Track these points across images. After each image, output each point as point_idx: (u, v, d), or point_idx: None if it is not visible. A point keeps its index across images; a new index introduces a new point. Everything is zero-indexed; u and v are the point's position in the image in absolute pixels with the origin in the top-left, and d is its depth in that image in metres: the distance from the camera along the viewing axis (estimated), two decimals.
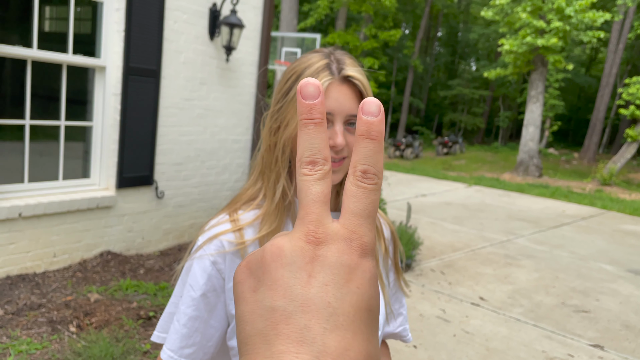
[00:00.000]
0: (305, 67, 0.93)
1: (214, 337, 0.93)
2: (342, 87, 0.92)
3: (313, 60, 0.93)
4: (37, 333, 3.00)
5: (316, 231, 0.32)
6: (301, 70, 0.93)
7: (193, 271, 0.93)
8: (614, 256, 6.70)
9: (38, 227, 3.86)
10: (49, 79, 4.07)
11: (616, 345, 3.94)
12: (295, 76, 0.93)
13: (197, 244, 0.95)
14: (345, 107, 0.92)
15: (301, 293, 0.30)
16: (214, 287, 0.92)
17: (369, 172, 0.32)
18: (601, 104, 22.65)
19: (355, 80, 0.93)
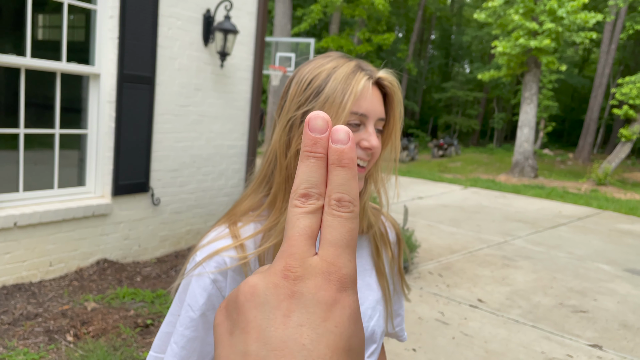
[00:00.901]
0: (333, 67, 0.88)
1: (210, 354, 0.90)
2: (374, 89, 0.91)
3: (339, 62, 0.90)
4: (34, 343, 2.98)
5: (294, 266, 0.30)
6: (330, 70, 0.88)
7: (192, 290, 0.88)
8: (611, 256, 6.71)
9: (34, 236, 3.84)
10: (43, 87, 4.06)
11: (614, 344, 3.94)
12: (324, 76, 0.88)
13: (196, 260, 0.90)
14: (377, 110, 0.90)
15: (275, 335, 0.28)
16: (214, 306, 0.88)
17: (344, 200, 0.31)
18: (595, 104, 22.75)
19: (387, 82, 0.92)
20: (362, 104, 0.88)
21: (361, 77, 0.88)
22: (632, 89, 15.36)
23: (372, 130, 0.89)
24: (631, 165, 23.24)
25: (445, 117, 33.26)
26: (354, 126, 0.88)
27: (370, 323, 0.96)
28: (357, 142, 0.88)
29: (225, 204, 5.55)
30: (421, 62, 34.89)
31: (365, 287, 0.98)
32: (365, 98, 0.88)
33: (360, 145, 0.88)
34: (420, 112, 36.48)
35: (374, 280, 1.00)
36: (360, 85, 0.87)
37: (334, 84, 0.86)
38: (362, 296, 0.97)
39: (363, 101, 0.88)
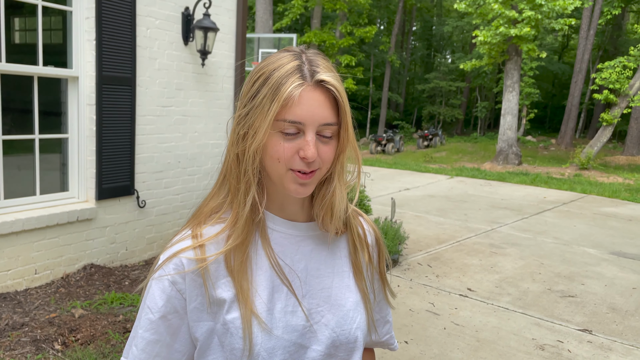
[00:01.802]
0: (274, 68, 0.83)
1: None
2: (315, 93, 0.82)
3: (283, 61, 0.83)
4: (21, 354, 2.93)
5: None
6: (269, 71, 0.83)
7: (151, 292, 0.87)
8: (597, 239, 6.80)
9: (17, 244, 3.77)
10: (21, 92, 3.98)
11: (604, 328, 3.99)
12: (263, 78, 0.83)
13: (158, 263, 0.89)
14: (318, 116, 0.82)
15: None
16: (175, 308, 0.87)
17: None
18: (575, 90, 22.99)
19: (329, 85, 0.83)
20: (295, 110, 0.81)
21: (294, 80, 0.81)
22: (612, 74, 15.54)
23: (310, 139, 0.82)
24: (613, 148, 23.54)
25: (429, 108, 33.38)
26: (291, 135, 0.82)
27: (352, 325, 0.93)
28: (296, 151, 0.83)
29: None
30: (403, 54, 34.94)
31: (345, 289, 0.95)
32: (300, 104, 0.81)
33: (298, 154, 0.83)
34: (404, 103, 36.58)
35: (352, 281, 0.97)
36: (287, 91, 0.80)
37: (266, 89, 0.82)
38: (343, 297, 0.94)
39: (297, 107, 0.81)
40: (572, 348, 3.62)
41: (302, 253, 0.93)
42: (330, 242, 0.97)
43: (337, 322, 0.92)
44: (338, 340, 0.91)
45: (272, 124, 0.82)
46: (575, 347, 3.64)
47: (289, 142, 0.83)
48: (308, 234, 0.95)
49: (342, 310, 0.93)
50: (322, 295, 0.92)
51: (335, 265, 0.96)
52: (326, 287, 0.93)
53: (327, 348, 0.90)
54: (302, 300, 0.90)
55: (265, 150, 0.85)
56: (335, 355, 0.92)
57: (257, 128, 0.83)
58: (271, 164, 0.85)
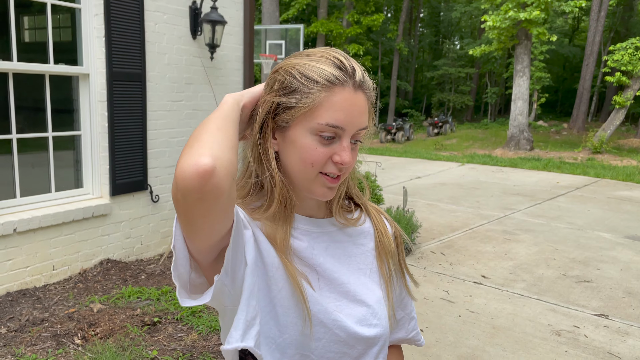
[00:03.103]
0: (314, 66, 0.81)
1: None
2: (356, 98, 0.81)
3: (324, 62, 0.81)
4: (42, 349, 2.98)
5: None
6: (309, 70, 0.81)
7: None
8: (611, 224, 6.74)
9: (34, 241, 3.83)
10: (33, 91, 4.02)
11: (620, 312, 3.97)
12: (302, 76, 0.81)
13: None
14: (357, 121, 0.82)
15: None
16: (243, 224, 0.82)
17: None
18: (587, 73, 22.69)
19: (367, 90, 0.83)
20: (338, 116, 0.80)
21: (341, 87, 0.80)
22: (624, 55, 15.31)
23: (346, 145, 0.82)
24: (626, 131, 23.26)
25: (438, 95, 33.16)
26: (327, 139, 0.81)
27: (372, 321, 0.93)
28: (330, 156, 0.82)
29: None
30: (411, 41, 34.68)
31: (364, 285, 0.95)
32: (342, 109, 0.80)
33: (332, 159, 0.82)
34: (413, 91, 36.36)
35: (372, 278, 0.97)
36: (337, 97, 0.79)
37: (308, 88, 0.80)
38: (362, 293, 0.94)
39: (340, 112, 0.80)
40: (589, 333, 3.61)
41: (319, 249, 0.92)
42: (349, 238, 0.97)
43: (356, 318, 0.92)
44: (356, 334, 0.91)
45: (311, 127, 0.81)
46: (592, 332, 3.63)
47: (324, 146, 0.82)
48: (326, 230, 0.94)
49: (362, 307, 0.93)
50: (340, 290, 0.92)
51: (351, 262, 0.96)
52: (344, 282, 0.93)
53: (344, 339, 0.90)
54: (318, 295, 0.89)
55: (298, 154, 0.83)
56: (354, 347, 0.92)
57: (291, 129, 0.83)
58: (301, 167, 0.83)
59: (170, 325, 3.35)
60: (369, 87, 0.84)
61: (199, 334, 3.24)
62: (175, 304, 3.65)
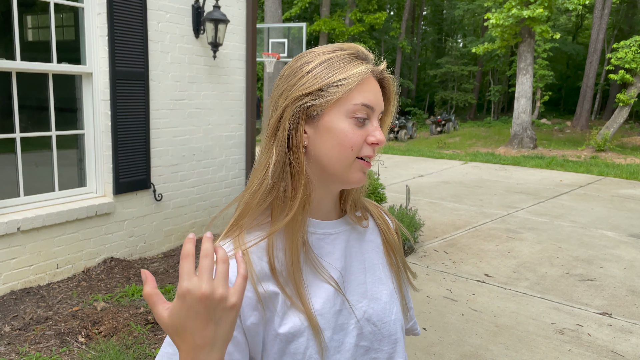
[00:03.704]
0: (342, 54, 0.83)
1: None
2: (376, 84, 0.85)
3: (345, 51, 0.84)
4: (46, 347, 2.99)
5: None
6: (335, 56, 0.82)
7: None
8: (615, 222, 6.73)
9: (38, 240, 3.84)
10: (36, 90, 4.03)
11: (624, 311, 3.96)
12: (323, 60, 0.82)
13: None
14: (380, 104, 0.85)
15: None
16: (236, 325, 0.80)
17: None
18: (590, 71, 22.63)
19: (387, 78, 0.87)
20: (368, 96, 0.83)
21: (367, 69, 0.83)
22: (628, 53, 15.26)
23: (376, 124, 0.84)
24: (629, 129, 23.19)
25: (441, 93, 33.10)
26: (360, 121, 0.82)
27: (391, 317, 0.93)
28: (364, 139, 0.83)
29: (228, 195, 5.54)
30: (414, 39, 34.62)
31: (378, 282, 0.95)
32: (370, 90, 0.83)
33: (367, 141, 0.83)
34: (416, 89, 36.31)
35: (384, 273, 0.97)
36: (363, 74, 0.82)
37: (338, 75, 0.81)
38: (378, 291, 0.94)
39: (369, 93, 0.83)
40: (592, 332, 3.60)
41: (339, 250, 0.91)
42: (359, 235, 0.97)
43: (377, 316, 0.92)
44: (380, 334, 0.91)
45: (346, 109, 0.82)
46: (595, 330, 3.62)
47: (359, 128, 0.83)
48: (340, 230, 0.93)
49: (379, 304, 0.93)
50: (359, 291, 0.92)
51: (366, 259, 0.96)
52: (361, 282, 0.93)
53: (370, 343, 0.90)
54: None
55: (332, 139, 0.82)
56: (380, 350, 0.92)
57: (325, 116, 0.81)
58: (339, 152, 0.82)
59: None
60: (388, 78, 0.88)
61: None
62: None
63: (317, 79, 0.81)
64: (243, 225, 0.86)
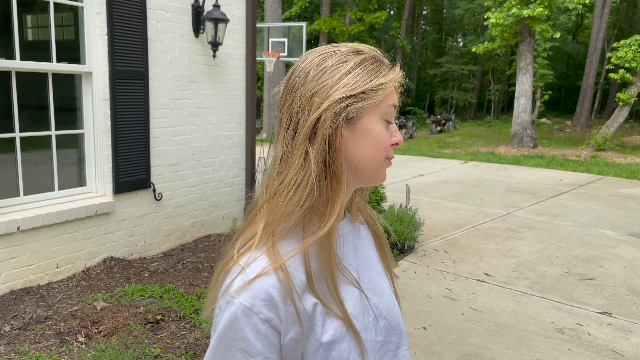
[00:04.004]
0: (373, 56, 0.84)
1: None
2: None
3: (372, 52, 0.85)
4: (46, 346, 2.99)
5: None
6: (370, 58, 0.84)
7: (244, 334, 0.75)
8: (615, 221, 6.72)
9: (38, 240, 3.84)
10: (36, 89, 4.03)
11: (624, 310, 3.96)
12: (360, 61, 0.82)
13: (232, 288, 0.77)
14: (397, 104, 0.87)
15: None
16: (273, 345, 0.77)
17: None
18: (590, 70, 22.62)
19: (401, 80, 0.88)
20: (396, 98, 0.85)
21: (399, 74, 0.85)
22: (628, 52, 15.25)
23: (395, 125, 0.86)
24: (629, 128, 23.19)
25: (441, 93, 33.08)
26: (388, 122, 0.85)
27: (395, 309, 0.96)
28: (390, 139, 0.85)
29: (228, 194, 5.54)
30: (414, 39, 34.60)
31: (379, 276, 0.96)
32: (395, 93, 0.85)
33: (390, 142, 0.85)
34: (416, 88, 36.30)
35: (380, 267, 0.99)
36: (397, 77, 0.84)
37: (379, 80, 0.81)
38: (382, 285, 0.96)
39: (395, 95, 0.85)
40: (592, 331, 3.60)
41: (351, 250, 0.92)
42: (358, 233, 0.98)
43: (386, 310, 0.93)
44: (389, 326, 0.93)
45: (381, 111, 0.83)
46: (595, 329, 3.62)
47: (387, 130, 0.85)
48: (348, 230, 0.93)
49: (385, 297, 0.95)
50: (369, 287, 0.92)
51: (367, 256, 0.97)
52: (370, 278, 0.94)
53: (384, 336, 0.92)
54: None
55: (369, 141, 0.82)
56: (390, 342, 0.94)
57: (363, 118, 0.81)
58: (375, 155, 0.83)
59: (173, 323, 3.36)
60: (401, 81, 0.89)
61: (202, 332, 3.25)
62: (178, 301, 3.66)
63: (360, 81, 0.79)
64: (275, 234, 0.80)
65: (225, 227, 5.60)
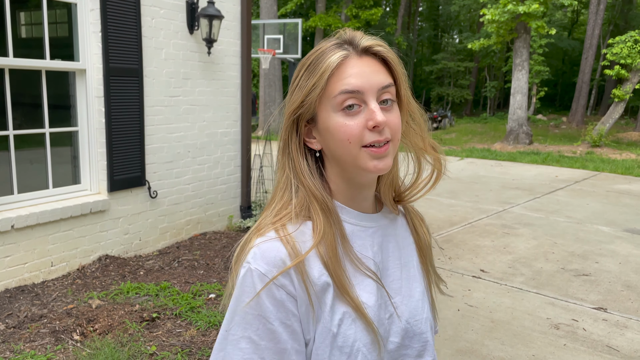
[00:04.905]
0: (316, 54, 0.82)
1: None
2: (363, 61, 0.81)
3: (321, 48, 0.83)
4: (41, 345, 2.98)
5: None
6: (312, 59, 0.82)
7: (260, 301, 0.79)
8: (610, 217, 6.74)
9: (32, 238, 3.82)
10: (30, 87, 4.00)
11: (619, 306, 3.98)
12: (304, 67, 0.83)
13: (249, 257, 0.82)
14: (374, 81, 0.80)
15: None
16: (291, 312, 0.80)
17: None
18: (586, 66, 22.66)
19: (376, 48, 0.82)
20: (350, 81, 0.79)
21: (336, 53, 0.80)
22: (623, 49, 15.27)
23: (374, 106, 0.79)
24: (625, 125, 23.26)
25: (437, 89, 33.11)
26: (352, 109, 0.80)
27: (423, 315, 0.93)
28: (364, 126, 0.80)
29: (223, 191, 5.53)
30: (410, 36, 34.59)
31: (412, 279, 0.94)
32: (353, 74, 0.79)
33: (367, 126, 0.80)
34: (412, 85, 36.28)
35: (418, 271, 0.97)
36: (342, 68, 0.80)
37: (312, 80, 0.81)
38: (411, 288, 0.93)
39: (351, 78, 0.79)
40: (587, 326, 3.61)
41: (377, 245, 0.91)
42: (395, 231, 0.96)
43: (410, 313, 0.91)
44: (412, 331, 0.91)
45: (332, 105, 0.81)
46: (591, 325, 3.63)
47: (353, 118, 0.80)
48: (378, 225, 0.92)
49: (413, 301, 0.92)
50: (394, 287, 0.91)
51: (402, 256, 0.95)
52: (396, 278, 0.92)
53: (402, 339, 0.90)
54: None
55: (333, 136, 0.82)
56: (410, 347, 0.91)
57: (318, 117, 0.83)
58: (341, 148, 0.82)
59: (169, 320, 3.35)
60: (377, 48, 0.83)
61: (198, 330, 3.24)
62: (174, 299, 3.65)
63: (301, 90, 0.83)
64: (283, 219, 0.85)
65: (221, 225, 5.59)
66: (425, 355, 0.93)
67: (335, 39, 0.84)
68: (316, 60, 0.82)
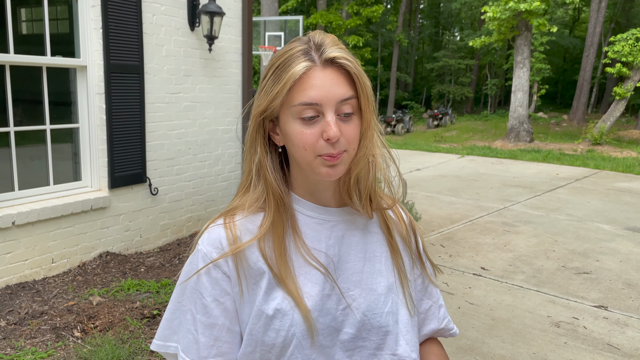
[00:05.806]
0: (282, 57, 0.84)
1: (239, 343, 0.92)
2: (326, 72, 0.81)
3: (290, 50, 0.83)
4: (42, 341, 2.98)
5: None
6: (280, 62, 0.83)
7: (199, 277, 0.90)
8: (611, 215, 6.74)
9: (33, 234, 3.82)
10: (30, 83, 4.00)
11: (620, 304, 3.98)
12: (272, 69, 0.85)
13: (198, 239, 0.94)
14: (333, 94, 0.81)
15: None
16: (224, 290, 0.89)
17: None
18: (587, 64, 22.63)
19: (340, 60, 0.81)
20: (309, 93, 0.81)
21: (299, 62, 0.81)
22: (625, 46, 15.25)
23: (330, 119, 0.81)
24: (626, 123, 23.23)
25: (438, 87, 33.08)
26: (310, 119, 0.82)
27: (384, 309, 0.93)
28: (320, 136, 0.82)
29: (224, 188, 5.53)
30: (411, 33, 34.53)
31: (376, 273, 0.95)
32: (313, 86, 0.81)
33: (322, 138, 0.82)
34: (413, 83, 36.26)
35: (385, 266, 0.97)
36: (294, 72, 0.81)
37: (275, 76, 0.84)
38: (374, 282, 0.94)
39: (310, 90, 0.81)
40: (588, 324, 3.61)
41: (335, 238, 0.93)
42: (363, 226, 0.97)
43: (367, 306, 0.92)
44: (369, 323, 0.92)
45: (291, 112, 0.83)
46: (591, 323, 3.63)
47: (310, 127, 0.82)
48: (341, 219, 0.95)
49: (373, 295, 0.93)
50: (353, 280, 0.93)
51: (367, 250, 0.96)
52: (357, 271, 0.94)
53: (357, 331, 0.91)
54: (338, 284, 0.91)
55: (291, 141, 0.85)
56: (368, 339, 0.92)
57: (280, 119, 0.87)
58: (299, 152, 0.85)
59: None
60: (341, 60, 0.82)
61: None
62: None
63: (266, 95, 0.85)
64: (236, 209, 0.94)
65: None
66: (385, 348, 0.93)
67: (305, 42, 0.84)
68: (283, 64, 0.83)
